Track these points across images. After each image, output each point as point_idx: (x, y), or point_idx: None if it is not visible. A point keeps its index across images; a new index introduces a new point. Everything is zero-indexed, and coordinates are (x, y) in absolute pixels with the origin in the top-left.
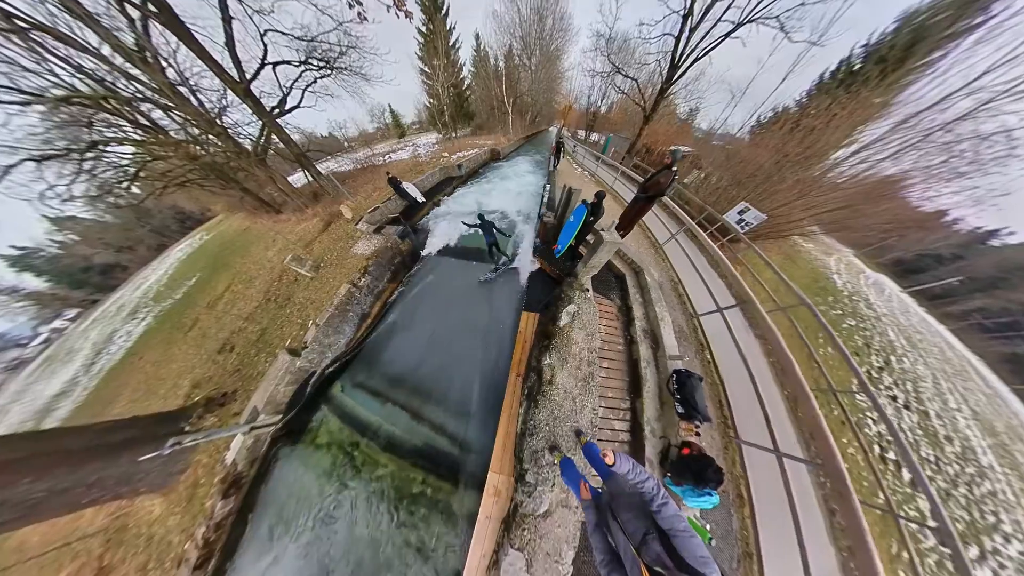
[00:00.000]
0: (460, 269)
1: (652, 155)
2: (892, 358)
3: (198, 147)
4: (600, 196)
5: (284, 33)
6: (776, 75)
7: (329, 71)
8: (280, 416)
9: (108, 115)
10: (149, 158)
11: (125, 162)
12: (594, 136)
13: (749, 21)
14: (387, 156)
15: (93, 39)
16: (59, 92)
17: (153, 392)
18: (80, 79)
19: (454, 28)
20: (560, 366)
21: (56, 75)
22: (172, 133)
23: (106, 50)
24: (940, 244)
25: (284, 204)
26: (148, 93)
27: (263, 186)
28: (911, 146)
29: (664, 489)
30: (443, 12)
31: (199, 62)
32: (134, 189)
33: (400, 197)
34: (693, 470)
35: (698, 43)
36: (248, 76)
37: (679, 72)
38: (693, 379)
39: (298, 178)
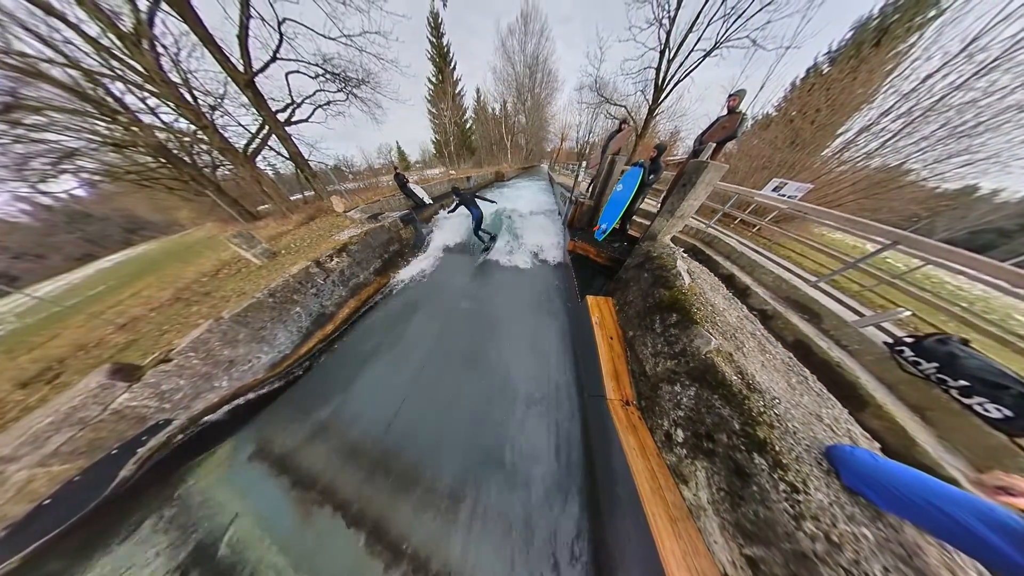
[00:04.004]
0: (475, 269)
1: None
2: None
3: (172, 137)
4: (661, 149)
5: (302, 24)
6: (752, 85)
7: (344, 95)
8: None
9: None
10: (96, 141)
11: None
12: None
13: (720, 46)
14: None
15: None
16: None
17: None
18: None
19: (460, 79)
20: (735, 349)
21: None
22: (146, 120)
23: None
24: (995, 217)
25: (268, 214)
26: (129, 75)
27: (245, 191)
28: (920, 115)
29: None
30: (451, 66)
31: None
32: (67, 179)
33: (406, 197)
34: None
35: (677, 69)
36: (255, 68)
37: (664, 94)
38: (952, 344)
39: (297, 200)
